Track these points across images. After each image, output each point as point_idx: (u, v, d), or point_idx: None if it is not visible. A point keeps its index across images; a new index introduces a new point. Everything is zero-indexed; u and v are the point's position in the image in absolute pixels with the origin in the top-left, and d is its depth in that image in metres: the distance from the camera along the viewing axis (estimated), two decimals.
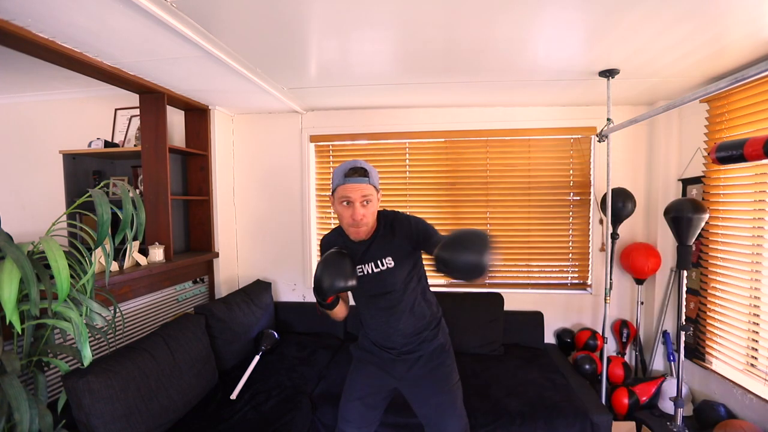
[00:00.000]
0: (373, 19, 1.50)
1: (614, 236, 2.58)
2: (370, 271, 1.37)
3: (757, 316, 1.98)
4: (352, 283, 1.25)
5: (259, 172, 3.05)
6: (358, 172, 1.27)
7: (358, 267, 1.36)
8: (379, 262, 1.37)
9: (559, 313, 2.88)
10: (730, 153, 1.41)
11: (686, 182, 2.50)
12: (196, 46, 1.66)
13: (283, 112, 2.96)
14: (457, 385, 1.52)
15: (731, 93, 2.07)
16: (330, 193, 1.36)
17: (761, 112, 1.92)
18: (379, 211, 1.42)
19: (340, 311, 1.45)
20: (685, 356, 2.17)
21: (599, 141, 2.31)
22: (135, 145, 2.72)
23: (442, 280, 3.00)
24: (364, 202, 1.29)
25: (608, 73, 2.05)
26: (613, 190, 2.40)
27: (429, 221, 1.45)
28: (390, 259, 1.36)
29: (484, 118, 2.84)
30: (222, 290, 2.84)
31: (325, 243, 1.50)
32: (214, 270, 2.84)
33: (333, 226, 3.14)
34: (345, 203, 1.29)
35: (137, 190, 2.67)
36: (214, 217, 2.81)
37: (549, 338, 2.87)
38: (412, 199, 2.97)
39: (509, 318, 2.73)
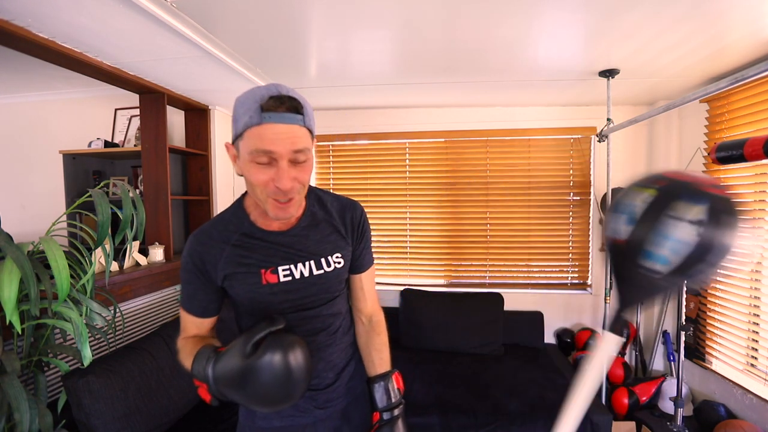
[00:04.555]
0: (373, 19, 1.50)
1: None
2: (307, 273, 0.87)
3: (757, 316, 1.98)
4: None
5: None
6: (285, 104, 0.72)
7: (283, 268, 0.86)
8: (323, 261, 0.89)
9: (559, 313, 2.87)
10: (730, 153, 1.41)
11: None
12: (196, 46, 1.66)
13: None
14: None
15: (731, 93, 2.07)
16: (231, 141, 0.79)
17: (761, 112, 1.92)
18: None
19: None
20: (685, 356, 2.17)
21: (599, 141, 2.31)
22: (135, 145, 2.72)
23: (442, 281, 3.00)
24: (297, 160, 0.75)
25: (608, 73, 2.05)
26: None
27: (429, 221, 1.17)
28: (339, 256, 0.92)
29: (484, 118, 2.84)
30: None
31: (202, 246, 0.85)
32: None
33: None
34: (262, 161, 0.73)
35: (137, 190, 2.67)
36: None
37: (549, 338, 2.87)
38: (412, 199, 2.97)
39: (509, 318, 2.73)
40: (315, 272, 0.88)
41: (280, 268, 0.85)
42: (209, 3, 1.38)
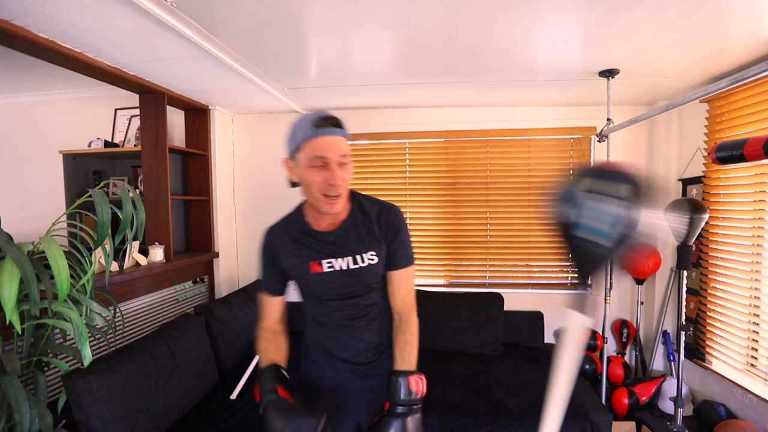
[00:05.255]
0: (373, 19, 1.50)
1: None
2: (345, 267, 1.06)
3: (757, 316, 1.98)
4: None
5: (259, 172, 3.05)
6: (331, 122, 0.97)
7: (326, 261, 1.06)
8: (358, 258, 1.06)
9: (559, 313, 2.87)
10: (730, 153, 1.41)
11: (686, 182, 2.50)
12: (196, 46, 1.66)
13: (283, 112, 2.96)
14: None
15: (731, 93, 2.07)
16: (288, 156, 1.02)
17: (761, 112, 1.92)
18: (350, 191, 1.12)
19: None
20: (685, 356, 2.17)
21: (599, 141, 2.31)
22: (135, 145, 2.72)
23: (442, 281, 3.00)
24: (342, 164, 0.97)
25: (608, 73, 2.05)
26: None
27: (429, 221, 1.26)
28: (373, 254, 1.07)
29: (484, 118, 2.84)
30: (222, 290, 2.84)
31: (271, 239, 1.11)
32: (214, 270, 2.84)
33: None
34: (319, 166, 0.95)
35: (137, 190, 2.67)
36: (214, 217, 2.81)
37: (549, 338, 2.87)
38: (412, 199, 2.97)
39: (509, 318, 2.72)
40: (351, 266, 1.06)
41: (324, 261, 1.06)
42: (209, 3, 1.38)
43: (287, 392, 0.97)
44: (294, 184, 1.06)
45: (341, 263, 1.06)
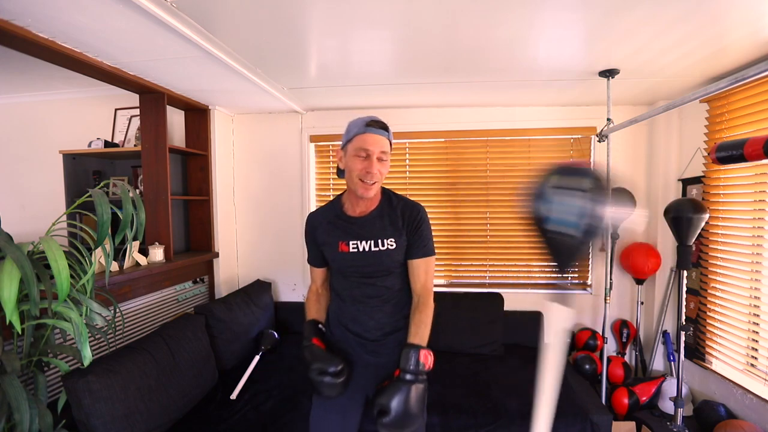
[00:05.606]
0: (373, 19, 1.50)
1: (614, 236, 2.58)
2: (367, 249, 1.25)
3: (757, 316, 1.98)
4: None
5: (259, 171, 3.05)
6: (379, 124, 1.21)
7: (352, 242, 1.26)
8: (379, 242, 1.26)
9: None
10: (730, 153, 1.41)
11: (686, 182, 2.50)
12: (196, 46, 1.66)
13: (283, 112, 2.96)
14: (424, 416, 1.22)
15: (731, 93, 2.07)
16: (341, 147, 1.26)
17: (761, 112, 1.92)
18: (382, 187, 1.33)
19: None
20: (685, 356, 2.17)
21: (599, 141, 2.31)
22: (135, 145, 2.72)
23: (442, 280, 3.00)
24: (381, 159, 1.20)
25: (608, 73, 2.05)
26: (612, 190, 2.40)
27: (429, 221, 1.35)
28: (392, 240, 1.26)
29: (484, 118, 2.84)
30: (222, 290, 2.84)
31: (312, 220, 1.34)
32: (214, 270, 2.84)
33: None
34: (362, 156, 1.18)
35: (137, 190, 2.67)
36: (214, 217, 2.81)
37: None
38: (412, 199, 2.97)
39: (509, 318, 2.72)
40: (372, 249, 1.25)
41: (350, 242, 1.26)
42: (209, 3, 1.38)
43: (320, 342, 1.24)
44: (340, 173, 1.29)
45: (364, 245, 1.25)
